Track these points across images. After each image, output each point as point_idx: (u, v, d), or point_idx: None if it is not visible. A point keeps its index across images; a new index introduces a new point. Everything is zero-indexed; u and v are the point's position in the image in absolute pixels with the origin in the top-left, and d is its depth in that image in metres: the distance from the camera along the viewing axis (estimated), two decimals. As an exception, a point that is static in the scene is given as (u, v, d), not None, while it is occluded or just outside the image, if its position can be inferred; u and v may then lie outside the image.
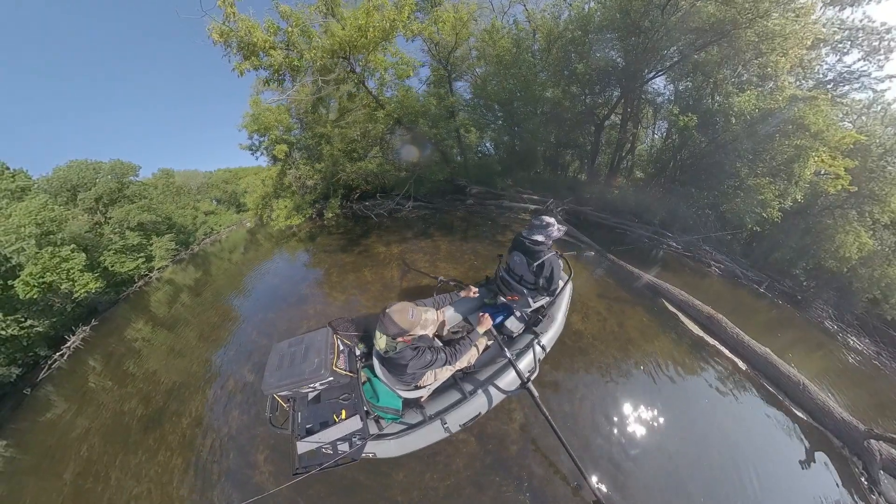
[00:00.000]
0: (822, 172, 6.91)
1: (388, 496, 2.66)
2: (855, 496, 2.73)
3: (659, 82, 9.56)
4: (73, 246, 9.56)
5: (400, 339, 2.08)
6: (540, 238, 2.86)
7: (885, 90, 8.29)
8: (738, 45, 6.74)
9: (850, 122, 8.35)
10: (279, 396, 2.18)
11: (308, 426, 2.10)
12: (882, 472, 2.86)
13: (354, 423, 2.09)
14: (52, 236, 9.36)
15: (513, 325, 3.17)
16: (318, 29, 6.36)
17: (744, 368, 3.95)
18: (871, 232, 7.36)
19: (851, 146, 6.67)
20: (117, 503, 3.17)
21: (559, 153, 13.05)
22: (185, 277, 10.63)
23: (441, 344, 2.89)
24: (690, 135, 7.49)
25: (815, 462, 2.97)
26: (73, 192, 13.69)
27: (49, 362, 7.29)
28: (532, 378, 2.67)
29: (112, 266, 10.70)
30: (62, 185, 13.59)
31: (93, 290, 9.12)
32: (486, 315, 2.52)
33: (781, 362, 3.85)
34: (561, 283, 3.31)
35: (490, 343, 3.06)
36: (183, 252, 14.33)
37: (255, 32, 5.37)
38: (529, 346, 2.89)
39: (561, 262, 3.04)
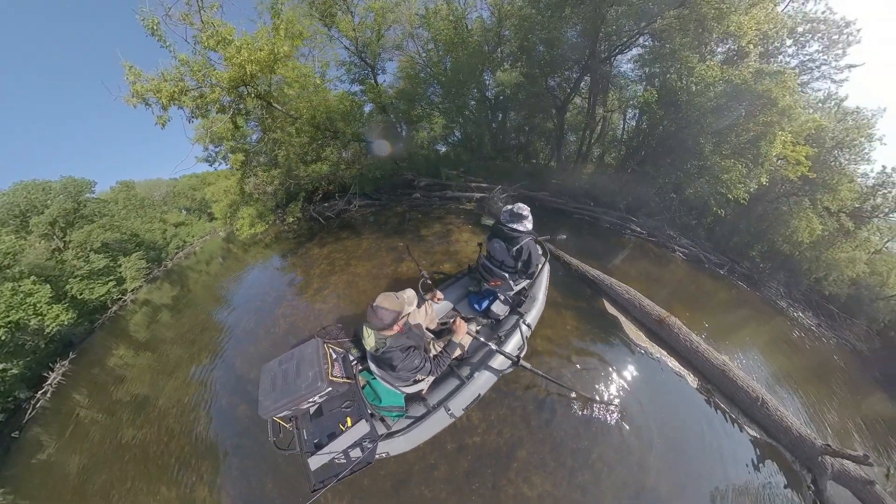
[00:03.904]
0: (779, 159, 6.96)
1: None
2: (801, 501, 2.90)
3: (626, 67, 9.38)
4: (33, 278, 8.97)
5: (387, 331, 2.08)
6: (517, 225, 2.99)
7: (844, 80, 8.51)
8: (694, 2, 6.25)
9: (807, 116, 8.56)
10: (279, 418, 2.13)
11: (315, 441, 2.07)
12: (831, 482, 2.97)
13: (362, 428, 2.09)
14: (7, 271, 8.73)
15: (498, 308, 3.29)
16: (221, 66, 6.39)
17: (695, 386, 3.58)
18: (821, 218, 7.80)
19: (812, 132, 6.89)
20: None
21: (530, 141, 12.91)
22: (161, 296, 10.23)
23: (433, 336, 2.95)
24: (651, 110, 7.37)
25: (761, 475, 3.01)
26: (23, 217, 12.62)
27: (32, 403, 6.96)
28: (522, 355, 2.84)
29: (81, 294, 10.07)
30: (8, 211, 12.50)
31: (65, 323, 8.65)
32: (461, 321, 2.59)
33: (741, 375, 3.49)
34: (539, 266, 3.44)
35: (479, 329, 3.18)
36: (156, 269, 13.59)
37: (163, 88, 5.66)
38: (516, 326, 3.03)
39: (538, 246, 3.16)
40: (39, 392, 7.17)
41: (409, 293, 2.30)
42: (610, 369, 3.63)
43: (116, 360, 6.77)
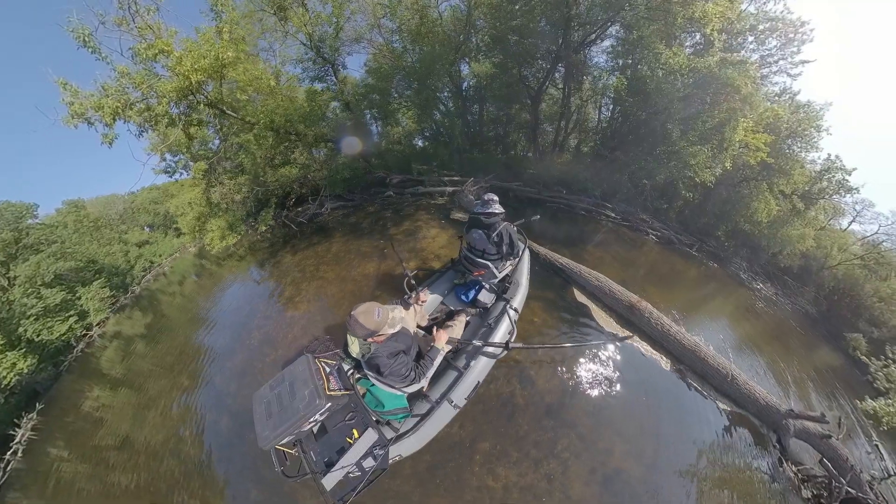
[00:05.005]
0: (741, 147, 7.47)
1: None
2: (767, 461, 3.25)
3: (600, 58, 9.72)
4: (-25, 324, 8.09)
5: (371, 339, 2.07)
6: (491, 210, 3.12)
7: (798, 75, 9.38)
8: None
9: (766, 106, 9.17)
10: (281, 446, 2.03)
11: (325, 460, 2.03)
12: (794, 438, 3.36)
13: (370, 437, 2.08)
14: (-57, 321, 7.82)
15: (485, 297, 3.40)
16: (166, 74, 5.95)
17: (668, 368, 3.65)
18: (777, 200, 8.76)
19: (770, 121, 7.58)
20: None
21: (507, 132, 13.06)
22: (133, 326, 9.54)
23: (423, 333, 2.98)
24: (621, 98, 7.72)
25: (732, 440, 3.31)
26: (-48, 256, 11.24)
27: (1, 467, 6.22)
28: (513, 338, 2.96)
29: (38, 336, 9.06)
30: (-69, 251, 11.08)
31: (24, 371, 7.81)
32: (441, 331, 2.61)
33: (711, 354, 3.65)
34: (521, 246, 3.56)
35: (469, 319, 3.27)
36: (123, 297, 12.61)
37: (105, 104, 5.17)
38: (504, 311, 3.16)
39: (515, 229, 3.28)
40: (8, 453, 6.43)
41: (396, 314, 2.18)
42: (580, 359, 3.69)
43: (91, 403, 6.28)
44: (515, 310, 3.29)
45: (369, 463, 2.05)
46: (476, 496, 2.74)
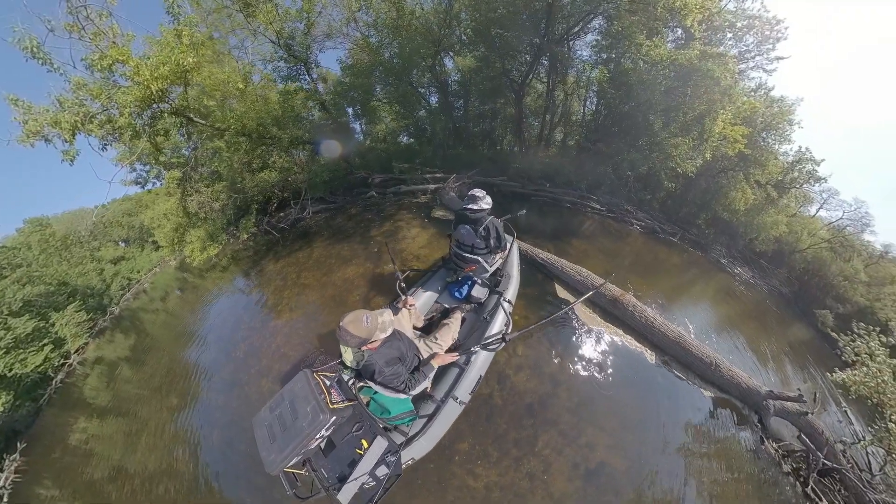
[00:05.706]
0: (720, 139, 7.67)
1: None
2: (750, 441, 3.41)
3: (585, 52, 9.86)
4: (-61, 363, 7.52)
5: (365, 347, 2.06)
6: (477, 206, 3.18)
7: (774, 70, 9.82)
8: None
9: (744, 100, 9.53)
10: (290, 467, 1.99)
11: (337, 475, 2.02)
12: (774, 417, 3.56)
13: (380, 445, 2.08)
14: None
15: (478, 292, 3.45)
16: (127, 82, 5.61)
17: (653, 361, 3.70)
18: (753, 189, 9.25)
19: (747, 114, 7.86)
20: None
21: (493, 127, 13.08)
22: (115, 349, 9.10)
23: (420, 334, 3.00)
24: (604, 90, 7.89)
25: (715, 423, 3.47)
26: None
27: None
28: (509, 329, 3.02)
29: (10, 370, 8.40)
30: None
31: (0, 410, 7.28)
32: (442, 355, 2.62)
33: (695, 344, 3.72)
34: (509, 239, 3.63)
35: (464, 316, 3.30)
36: (102, 319, 11.96)
37: (62, 119, 4.81)
38: (498, 304, 3.23)
39: (501, 223, 3.34)
40: (-9, 501, 6.04)
41: (385, 318, 2.13)
42: (562, 356, 3.67)
43: (78, 436, 5.97)
44: (509, 302, 3.36)
45: (383, 471, 2.05)
46: (458, 496, 2.75)
